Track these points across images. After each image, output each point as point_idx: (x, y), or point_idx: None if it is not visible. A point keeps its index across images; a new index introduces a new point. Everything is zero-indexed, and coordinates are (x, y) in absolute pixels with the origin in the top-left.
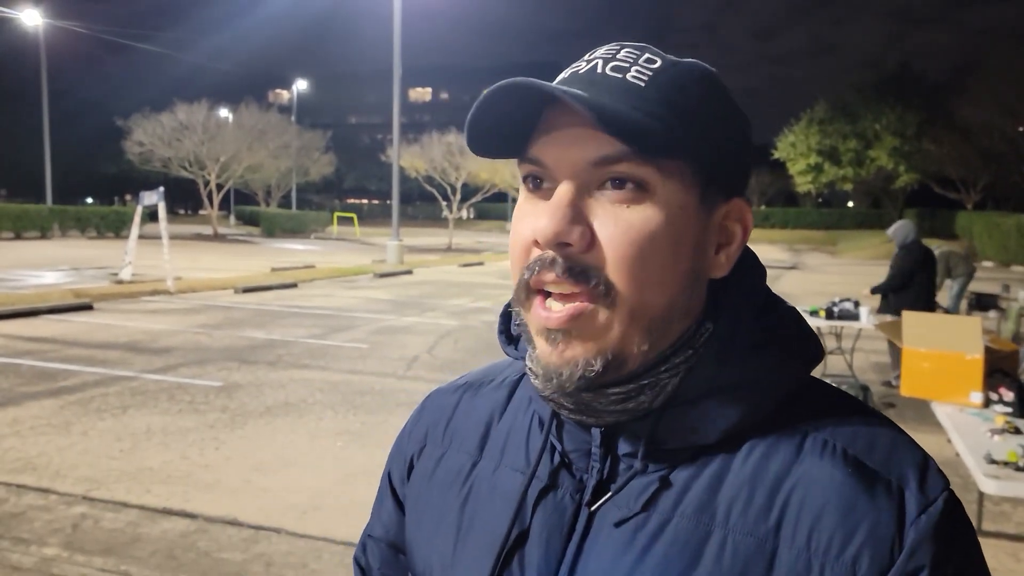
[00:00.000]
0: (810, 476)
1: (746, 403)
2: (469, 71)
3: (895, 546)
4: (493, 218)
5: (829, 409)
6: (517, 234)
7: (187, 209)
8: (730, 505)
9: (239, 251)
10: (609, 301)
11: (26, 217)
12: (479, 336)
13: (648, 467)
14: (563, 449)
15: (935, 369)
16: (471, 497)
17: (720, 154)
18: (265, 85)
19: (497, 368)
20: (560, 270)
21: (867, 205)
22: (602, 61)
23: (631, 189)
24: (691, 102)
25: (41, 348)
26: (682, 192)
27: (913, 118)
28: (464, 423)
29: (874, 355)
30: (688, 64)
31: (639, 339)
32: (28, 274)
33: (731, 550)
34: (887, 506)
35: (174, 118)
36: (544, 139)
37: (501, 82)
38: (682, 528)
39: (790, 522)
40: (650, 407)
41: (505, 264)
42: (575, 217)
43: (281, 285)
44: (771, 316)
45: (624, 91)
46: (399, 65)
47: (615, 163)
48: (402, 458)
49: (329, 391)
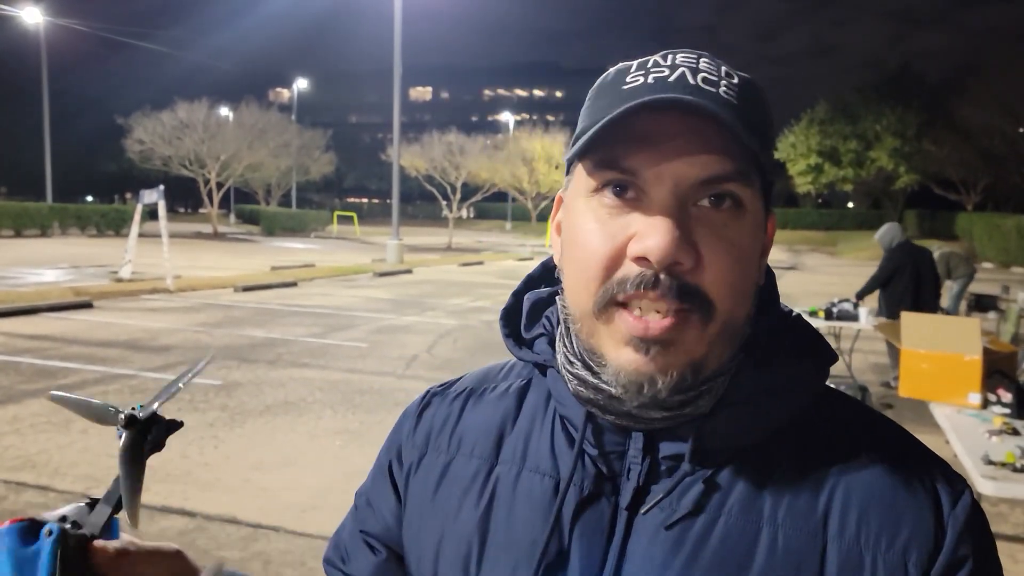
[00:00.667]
0: (851, 474)
1: (784, 405)
2: (469, 71)
3: (939, 536)
4: (493, 217)
5: (849, 409)
6: (596, 244)
7: (187, 208)
8: (776, 502)
9: (239, 250)
10: (707, 316)
11: (26, 215)
12: (478, 336)
13: (695, 470)
14: (597, 453)
15: (934, 370)
16: (495, 504)
17: (771, 168)
18: (265, 84)
19: (495, 371)
20: (667, 290)
21: (867, 206)
22: (688, 70)
23: (729, 207)
24: (766, 122)
25: (41, 346)
26: (760, 208)
27: (913, 119)
28: (471, 429)
29: (872, 356)
30: (752, 81)
31: (721, 348)
32: (28, 272)
33: (783, 545)
34: (926, 501)
35: (174, 116)
36: (638, 147)
37: (640, 100)
38: (731, 526)
39: (836, 518)
40: (703, 412)
41: (505, 264)
42: (686, 237)
43: (281, 284)
44: (791, 322)
45: (726, 107)
46: (399, 64)
47: (724, 183)
48: (400, 459)
49: (328, 390)
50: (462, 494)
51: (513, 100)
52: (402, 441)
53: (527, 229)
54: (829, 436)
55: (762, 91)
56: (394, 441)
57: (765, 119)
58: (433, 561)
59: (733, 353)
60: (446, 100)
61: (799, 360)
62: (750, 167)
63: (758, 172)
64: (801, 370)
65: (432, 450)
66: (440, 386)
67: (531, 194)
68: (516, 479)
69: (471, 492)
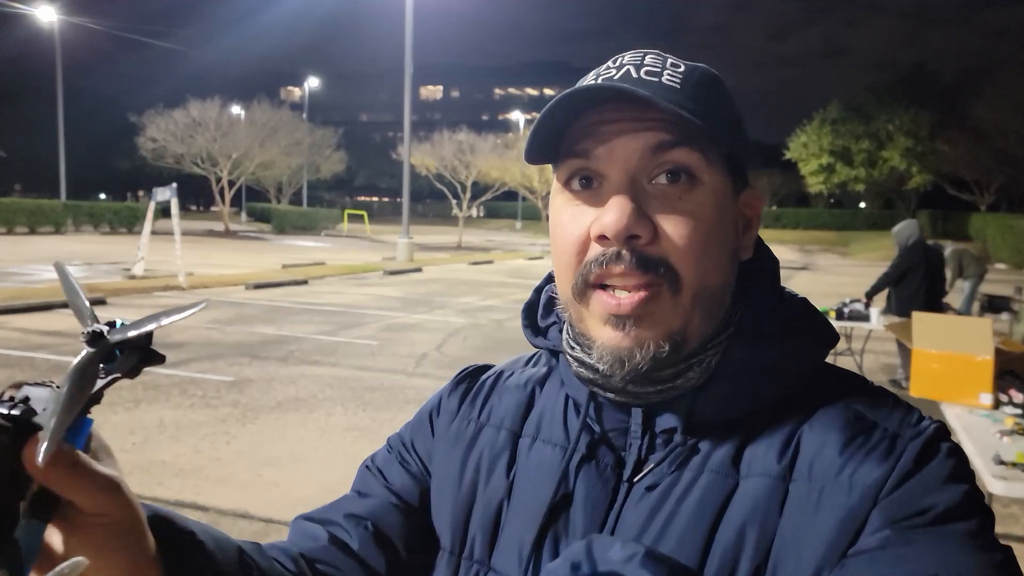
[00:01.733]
0: (817, 423)
1: (776, 380)
2: (480, 69)
3: (889, 462)
4: (503, 216)
5: (844, 384)
6: (568, 232)
7: (199, 205)
8: (752, 459)
9: (250, 247)
10: (675, 287)
11: (40, 212)
12: (488, 334)
13: (687, 440)
14: (601, 429)
15: (945, 370)
16: (517, 473)
17: (738, 146)
18: (277, 82)
19: (525, 358)
20: (628, 263)
21: (879, 206)
22: (632, 67)
23: (684, 181)
24: (717, 100)
25: (55, 342)
26: (721, 179)
27: (927, 119)
28: (500, 403)
29: (884, 356)
30: (704, 67)
31: (700, 319)
32: (42, 269)
33: (753, 492)
34: (883, 441)
35: (187, 115)
36: (590, 138)
37: (563, 93)
38: (710, 482)
39: (801, 461)
40: (696, 384)
41: (514, 263)
42: (640, 211)
43: (292, 282)
44: (789, 301)
45: (665, 91)
46: (411, 63)
47: (668, 150)
48: (439, 411)
49: (339, 387)
50: (491, 462)
51: (524, 99)
52: (442, 400)
53: (537, 228)
54: (813, 401)
55: (713, 75)
56: (435, 399)
57: (717, 98)
58: (463, 522)
59: (719, 326)
60: (457, 99)
61: (794, 338)
62: (694, 135)
63: (707, 140)
64: (795, 347)
65: (462, 418)
66: (475, 367)
67: (541, 193)
68: (530, 448)
69: (501, 460)
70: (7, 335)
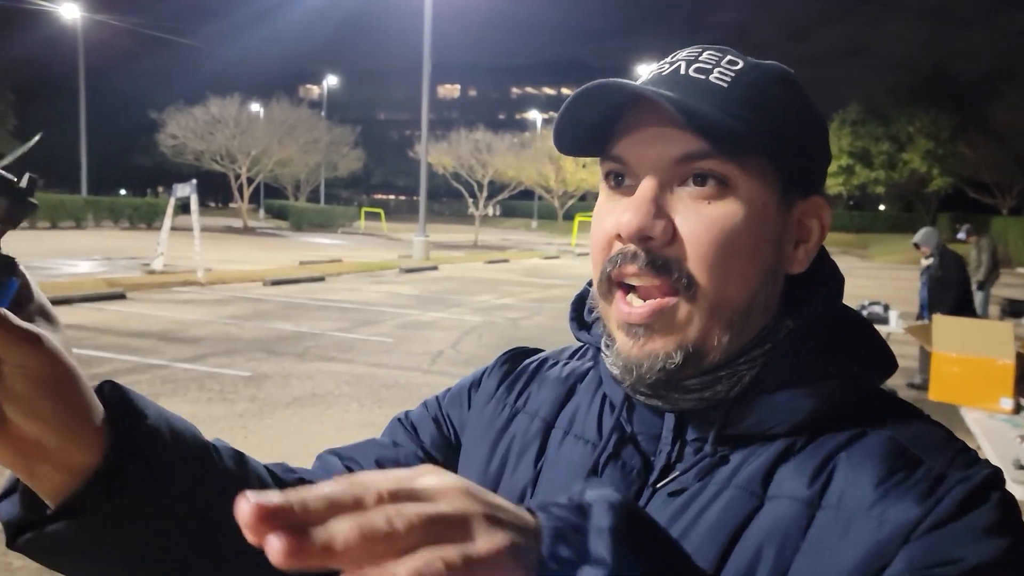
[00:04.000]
0: (856, 452)
1: (814, 400)
2: (498, 68)
3: (927, 504)
4: (519, 216)
5: (894, 413)
6: (599, 229)
7: (218, 202)
8: (782, 480)
9: (268, 244)
10: (691, 295)
11: (62, 207)
12: (503, 333)
13: (716, 451)
14: (632, 431)
15: (965, 374)
16: (545, 464)
17: (798, 152)
18: (296, 80)
19: (571, 349)
20: (642, 263)
21: (899, 209)
22: (685, 63)
23: (713, 185)
24: (772, 102)
25: (76, 335)
26: (763, 189)
27: (948, 121)
28: (538, 391)
29: (903, 360)
30: (768, 66)
31: (720, 332)
32: (63, 263)
33: (777, 514)
34: (924, 480)
35: (207, 112)
36: (627, 138)
37: (590, 83)
38: (736, 497)
39: (833, 489)
40: (726, 396)
41: (530, 262)
42: (657, 211)
43: (309, 278)
44: (849, 323)
45: (708, 92)
46: (429, 62)
47: (698, 160)
48: (478, 386)
49: (355, 384)
50: (522, 449)
51: (541, 98)
52: (483, 376)
53: (553, 228)
54: (854, 430)
55: (776, 76)
56: (477, 375)
57: (774, 101)
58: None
59: (753, 341)
60: (474, 98)
61: (841, 358)
62: (730, 146)
63: (748, 151)
64: (840, 368)
65: (498, 400)
66: (523, 350)
67: (558, 192)
68: (561, 442)
69: (531, 449)
70: None
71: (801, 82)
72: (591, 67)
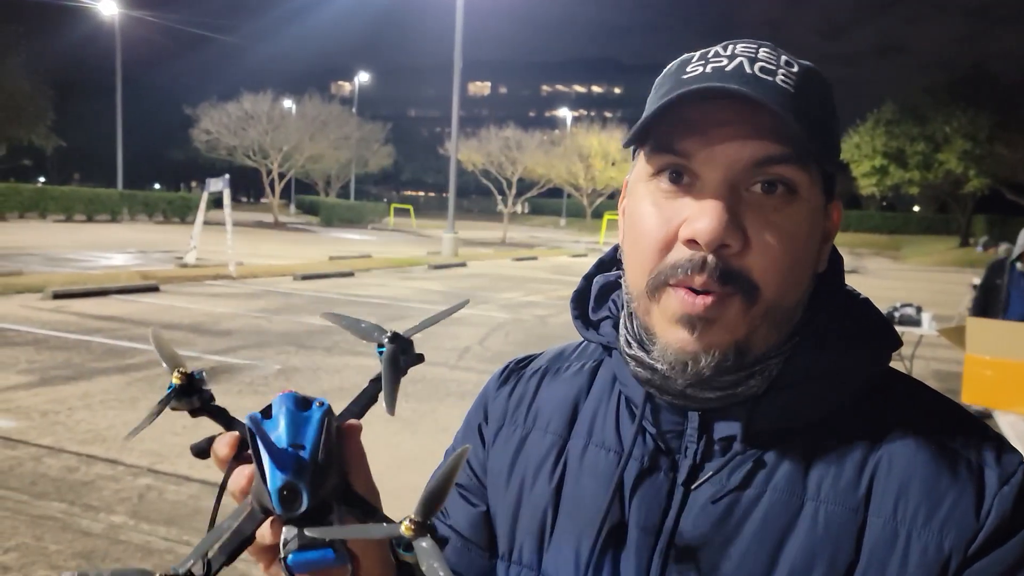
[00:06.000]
0: (895, 452)
1: (841, 388)
2: (528, 65)
3: (980, 516)
4: (548, 213)
5: (913, 395)
6: (651, 227)
7: (249, 197)
8: (820, 479)
9: (298, 239)
10: (750, 299)
11: (97, 201)
12: (530, 330)
13: (746, 450)
14: (656, 431)
15: (998, 377)
16: (566, 477)
17: (837, 158)
18: (328, 77)
19: (570, 350)
20: (713, 273)
21: (934, 210)
22: (747, 60)
23: (782, 193)
24: (827, 110)
25: (111, 326)
26: (818, 195)
27: (986, 121)
28: (546, 406)
29: (935, 363)
30: (815, 70)
31: (767, 332)
32: (99, 255)
33: (824, 520)
34: (969, 481)
35: (240, 108)
36: (693, 133)
37: (691, 87)
38: (775, 501)
39: (878, 494)
40: (755, 393)
41: (558, 260)
42: (734, 220)
43: (338, 273)
44: (855, 306)
45: (778, 94)
46: (460, 59)
47: (775, 165)
48: (487, 419)
49: None
50: (537, 467)
51: (571, 96)
52: (487, 404)
53: (581, 226)
54: (881, 415)
55: (823, 80)
56: (480, 404)
57: (825, 107)
58: (511, 527)
59: (785, 336)
60: (504, 95)
61: (856, 345)
62: (804, 152)
63: (814, 158)
64: (857, 355)
65: (509, 423)
66: (519, 362)
67: (587, 190)
68: (583, 453)
69: (545, 465)
70: (64, 319)
71: None
72: (622, 64)
